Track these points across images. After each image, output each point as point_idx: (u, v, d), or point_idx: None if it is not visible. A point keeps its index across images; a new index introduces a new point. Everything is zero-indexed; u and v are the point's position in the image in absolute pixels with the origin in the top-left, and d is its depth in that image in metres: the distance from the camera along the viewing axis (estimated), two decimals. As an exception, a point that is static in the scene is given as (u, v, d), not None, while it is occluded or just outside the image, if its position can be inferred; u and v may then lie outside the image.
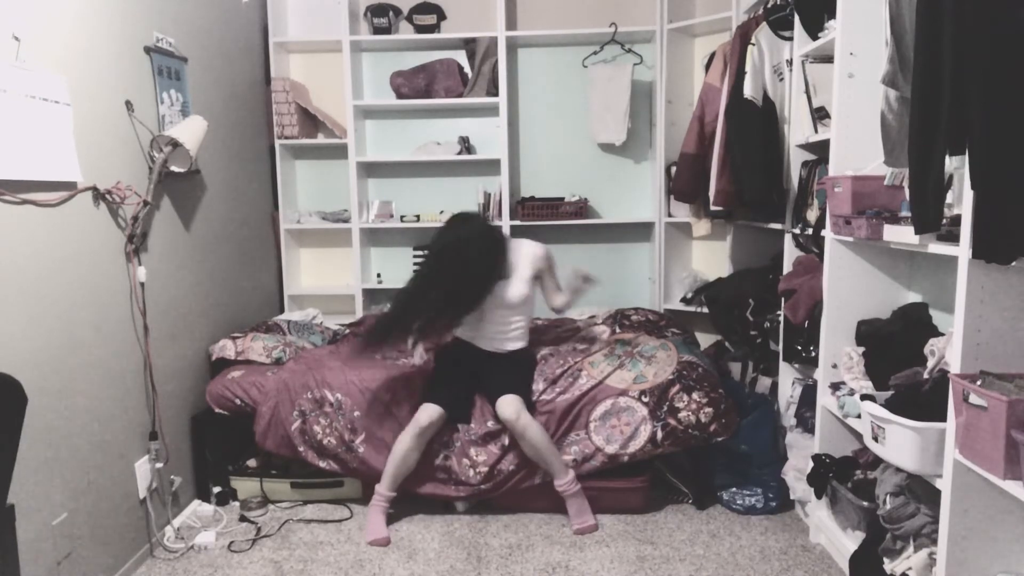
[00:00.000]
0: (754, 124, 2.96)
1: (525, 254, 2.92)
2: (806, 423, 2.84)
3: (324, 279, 4.38)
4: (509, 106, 4.04)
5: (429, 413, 2.79)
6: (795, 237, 2.93)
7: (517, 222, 4.08)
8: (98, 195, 2.43)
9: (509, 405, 2.76)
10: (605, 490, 2.92)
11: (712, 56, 3.52)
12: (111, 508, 2.47)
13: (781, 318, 2.92)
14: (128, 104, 2.62)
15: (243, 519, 2.95)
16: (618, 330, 3.32)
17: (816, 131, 2.73)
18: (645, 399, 2.88)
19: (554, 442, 2.84)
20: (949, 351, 1.97)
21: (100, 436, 2.42)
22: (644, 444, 2.84)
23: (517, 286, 2.88)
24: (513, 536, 2.79)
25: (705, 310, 3.72)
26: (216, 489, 3.06)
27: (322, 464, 2.96)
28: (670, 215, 4.03)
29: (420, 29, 4.08)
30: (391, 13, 4.08)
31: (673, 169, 3.83)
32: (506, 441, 2.84)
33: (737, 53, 3.09)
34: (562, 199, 4.11)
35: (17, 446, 1.65)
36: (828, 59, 2.59)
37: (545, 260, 2.97)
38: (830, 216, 2.45)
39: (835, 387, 2.53)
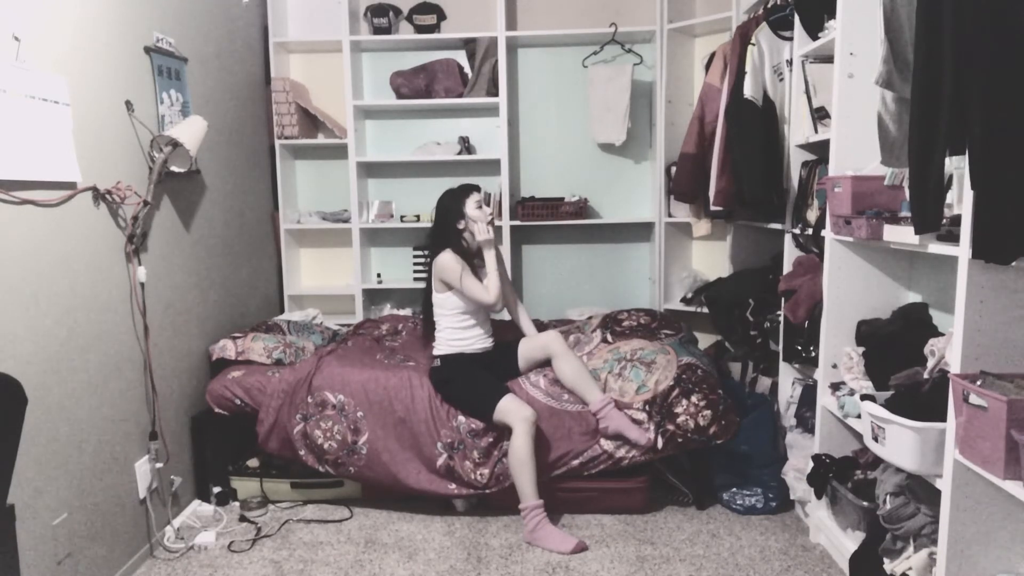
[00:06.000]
0: (754, 124, 2.96)
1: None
2: (806, 423, 2.84)
3: (324, 279, 4.38)
4: (509, 106, 4.04)
5: (520, 404, 2.81)
6: (795, 237, 2.93)
7: (517, 222, 4.08)
8: (98, 195, 2.43)
9: (554, 337, 2.99)
10: (605, 490, 2.92)
11: (712, 56, 3.52)
12: (111, 508, 2.47)
13: (781, 318, 2.92)
14: (128, 104, 2.62)
15: (243, 519, 2.95)
16: (610, 338, 3.30)
17: (816, 131, 2.73)
18: (648, 409, 2.88)
19: (548, 458, 2.87)
20: (949, 351, 1.97)
21: (100, 436, 2.42)
22: (646, 450, 2.84)
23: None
24: (513, 536, 2.79)
25: (705, 310, 3.71)
26: (216, 489, 3.06)
27: (320, 469, 2.97)
28: (670, 215, 4.03)
29: (420, 29, 4.08)
30: (391, 13, 4.08)
31: (673, 169, 3.83)
32: (504, 445, 2.85)
33: (737, 53, 3.09)
34: (562, 199, 4.11)
35: (17, 446, 1.65)
36: (828, 59, 2.59)
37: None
38: (830, 216, 2.45)
39: (835, 387, 2.53)
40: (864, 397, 2.17)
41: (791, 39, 2.89)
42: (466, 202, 2.99)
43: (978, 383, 1.70)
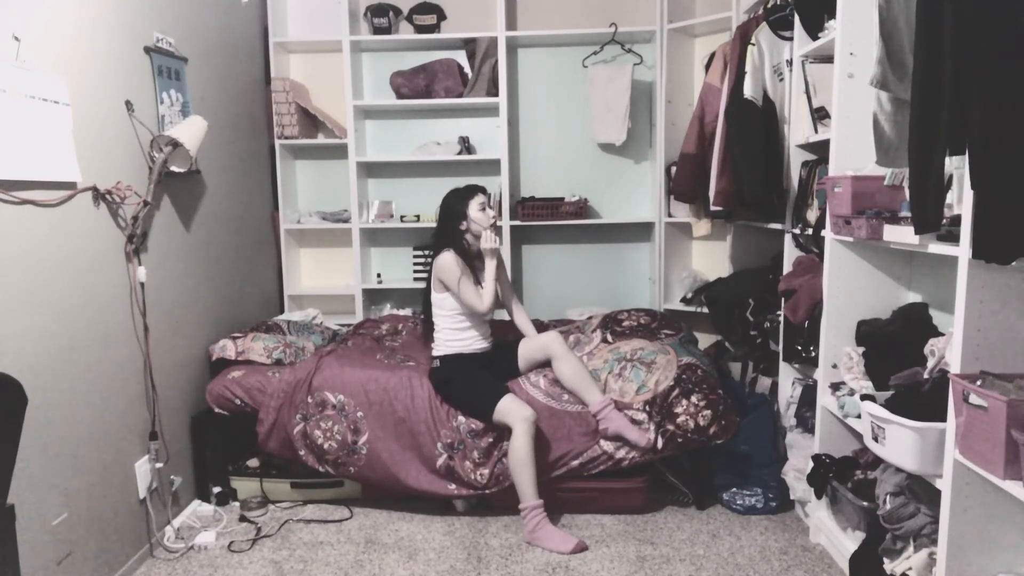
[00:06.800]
0: (754, 124, 2.96)
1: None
2: (806, 423, 2.84)
3: (324, 279, 4.38)
4: (509, 106, 4.04)
5: (520, 404, 2.81)
6: (795, 237, 2.93)
7: (517, 222, 4.08)
8: (98, 195, 2.43)
9: (554, 338, 2.98)
10: (605, 490, 2.92)
11: (712, 56, 3.52)
12: (111, 508, 2.47)
13: (781, 318, 2.92)
14: (128, 104, 2.62)
15: (243, 519, 2.95)
16: (610, 338, 3.29)
17: (816, 131, 2.73)
18: (648, 409, 2.88)
19: (548, 458, 2.87)
20: (949, 351, 1.97)
21: (100, 436, 2.42)
22: (646, 451, 2.84)
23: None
24: (513, 536, 2.79)
25: (705, 310, 3.71)
26: (216, 489, 3.06)
27: (320, 469, 2.97)
28: (670, 215, 4.03)
29: (420, 29, 4.08)
30: (391, 13, 4.08)
31: (673, 169, 3.83)
32: (504, 445, 2.85)
33: (737, 53, 3.09)
34: (562, 199, 4.11)
35: (17, 446, 1.65)
36: (828, 59, 2.59)
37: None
38: (830, 216, 2.45)
39: (835, 387, 2.53)
40: (864, 397, 2.17)
41: (791, 39, 2.89)
42: (469, 203, 2.99)
43: (978, 383, 1.70)
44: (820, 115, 2.69)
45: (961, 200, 1.71)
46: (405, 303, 4.28)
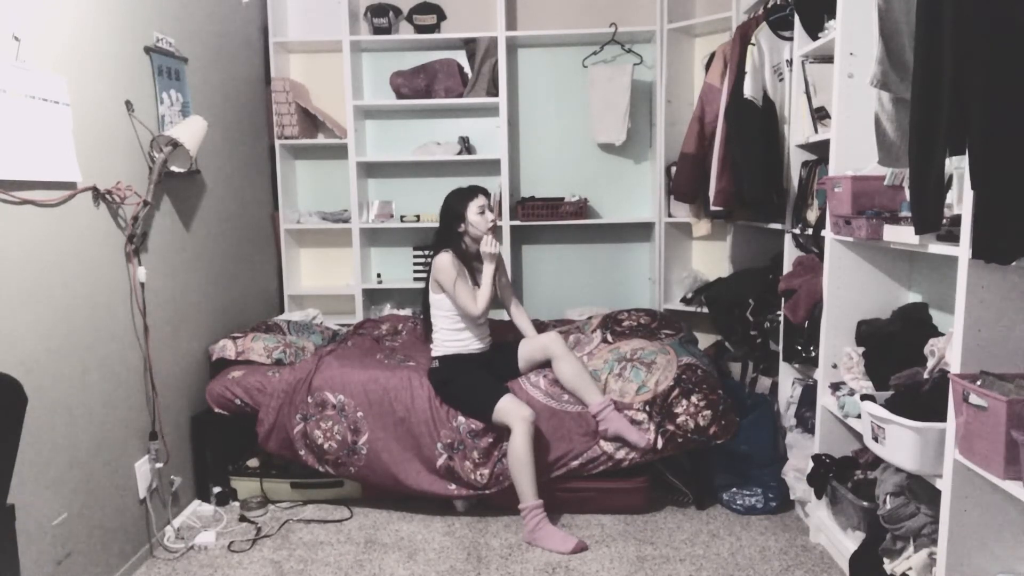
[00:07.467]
0: (754, 124, 2.96)
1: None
2: (806, 423, 2.84)
3: (324, 279, 4.38)
4: (509, 106, 4.04)
5: (519, 404, 2.81)
6: (795, 237, 2.93)
7: (517, 222, 4.08)
8: (98, 195, 2.43)
9: (554, 338, 2.98)
10: (605, 490, 2.92)
11: (712, 56, 3.52)
12: (111, 508, 2.47)
13: (781, 318, 2.92)
14: (128, 104, 2.62)
15: (243, 519, 2.95)
16: (610, 338, 3.29)
17: (816, 131, 2.73)
18: (648, 409, 2.88)
19: (548, 458, 2.87)
20: (949, 351, 1.97)
21: (100, 436, 2.42)
22: (646, 452, 2.84)
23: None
24: (513, 536, 2.79)
25: (705, 310, 3.71)
26: (216, 489, 3.06)
27: (320, 469, 2.97)
28: (670, 215, 4.03)
29: (420, 29, 4.08)
30: (391, 13, 4.08)
31: (673, 169, 3.83)
32: (504, 446, 2.84)
33: (737, 53, 3.09)
34: (562, 199, 4.11)
35: (17, 446, 1.65)
36: (828, 59, 2.59)
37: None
38: (830, 216, 2.45)
39: (835, 387, 2.53)
40: (864, 397, 2.17)
41: (791, 39, 2.89)
42: (469, 205, 2.98)
43: (978, 383, 1.70)
44: (820, 115, 2.69)
45: (961, 200, 1.71)
46: (405, 303, 4.28)
